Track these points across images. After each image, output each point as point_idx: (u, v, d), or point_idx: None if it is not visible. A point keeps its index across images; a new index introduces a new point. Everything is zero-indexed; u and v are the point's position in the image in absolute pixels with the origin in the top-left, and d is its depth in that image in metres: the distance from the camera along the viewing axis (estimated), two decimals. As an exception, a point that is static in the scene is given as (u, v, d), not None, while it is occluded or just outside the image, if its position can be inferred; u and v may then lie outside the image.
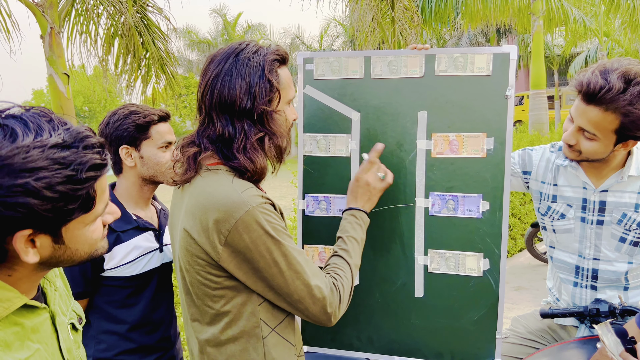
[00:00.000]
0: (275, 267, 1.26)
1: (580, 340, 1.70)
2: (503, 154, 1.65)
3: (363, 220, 1.57)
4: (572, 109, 1.59)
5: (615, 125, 1.50)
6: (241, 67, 1.30)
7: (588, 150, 1.58)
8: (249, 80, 1.29)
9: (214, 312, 1.32)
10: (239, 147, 1.30)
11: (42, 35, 4.54)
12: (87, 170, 0.82)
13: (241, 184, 1.29)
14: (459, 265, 1.71)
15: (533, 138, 9.06)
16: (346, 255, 1.47)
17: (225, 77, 1.30)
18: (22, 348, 0.84)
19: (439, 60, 1.68)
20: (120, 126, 1.71)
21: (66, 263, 0.91)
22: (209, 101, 1.32)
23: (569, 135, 1.61)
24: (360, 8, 7.55)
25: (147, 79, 5.50)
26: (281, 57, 1.37)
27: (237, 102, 1.29)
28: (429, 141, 1.70)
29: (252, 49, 1.34)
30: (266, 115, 1.32)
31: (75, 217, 0.85)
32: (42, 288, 0.99)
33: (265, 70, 1.31)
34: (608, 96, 1.46)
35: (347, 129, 1.76)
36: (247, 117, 1.30)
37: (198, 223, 1.27)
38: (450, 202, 1.69)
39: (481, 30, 20.91)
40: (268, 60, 1.32)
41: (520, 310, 4.35)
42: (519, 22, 12.50)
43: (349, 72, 1.75)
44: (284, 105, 1.38)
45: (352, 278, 1.44)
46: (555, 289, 1.91)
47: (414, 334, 1.75)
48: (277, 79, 1.34)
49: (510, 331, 1.95)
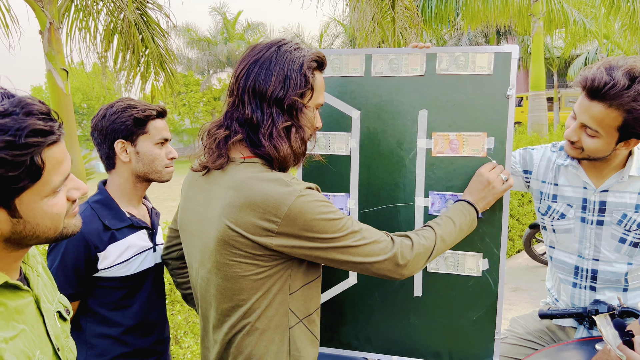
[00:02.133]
0: (335, 243, 1.29)
1: (579, 342, 1.70)
2: (503, 153, 1.64)
3: (470, 214, 1.56)
4: (576, 105, 1.59)
5: (618, 122, 1.50)
6: (281, 57, 1.33)
7: (590, 147, 1.58)
8: (286, 71, 1.32)
9: (248, 306, 1.33)
10: (265, 133, 1.31)
11: (41, 30, 4.51)
12: (27, 136, 0.81)
13: (282, 175, 1.32)
14: (458, 265, 1.70)
15: (532, 139, 9.06)
16: (436, 226, 1.49)
17: (265, 64, 1.33)
18: (7, 327, 0.84)
19: (440, 59, 1.67)
20: (118, 119, 1.67)
21: (32, 239, 0.90)
22: (243, 84, 1.33)
23: (571, 132, 1.60)
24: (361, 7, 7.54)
25: (146, 76, 5.48)
26: (320, 61, 1.40)
27: (270, 89, 1.31)
28: (429, 140, 1.69)
29: (295, 46, 1.38)
30: (296, 107, 1.34)
31: (25, 188, 0.83)
32: (25, 274, 0.99)
33: (304, 66, 1.34)
34: (612, 92, 1.46)
35: (348, 127, 1.75)
36: (277, 105, 1.32)
37: (246, 216, 1.27)
38: (450, 202, 1.69)
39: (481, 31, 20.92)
40: (308, 59, 1.35)
41: (518, 312, 4.35)
42: (519, 23, 12.49)
43: (350, 70, 1.74)
44: (313, 105, 1.41)
45: (435, 246, 1.45)
46: (554, 290, 1.90)
47: (412, 333, 1.75)
48: (313, 78, 1.37)
49: (508, 332, 1.95)
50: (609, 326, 1.44)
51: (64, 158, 0.90)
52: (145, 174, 1.72)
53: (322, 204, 1.29)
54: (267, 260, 1.30)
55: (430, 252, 1.43)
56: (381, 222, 1.74)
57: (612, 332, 1.41)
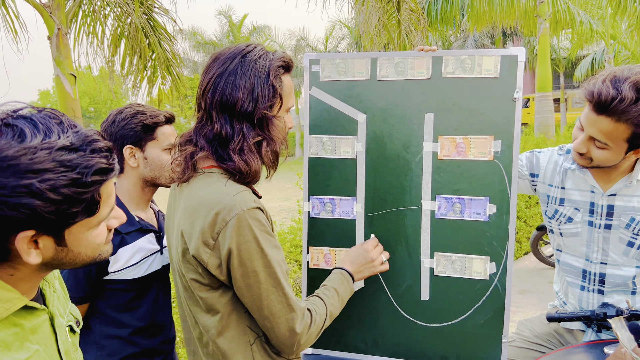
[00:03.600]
0: (254, 277, 1.25)
1: (587, 345, 1.69)
2: (510, 156, 1.64)
3: (349, 285, 1.57)
4: (582, 117, 1.57)
5: (627, 134, 1.49)
6: (246, 69, 1.30)
7: (599, 158, 1.57)
8: (253, 83, 1.29)
9: (207, 323, 1.33)
10: (235, 148, 1.29)
11: (50, 36, 4.55)
12: (93, 174, 0.82)
13: (234, 187, 1.28)
14: (465, 268, 1.70)
15: (539, 141, 9.03)
16: (326, 299, 1.46)
17: (230, 77, 1.29)
18: (22, 349, 0.84)
19: (446, 62, 1.67)
20: (127, 125, 1.69)
21: (68, 265, 0.91)
22: (210, 99, 1.31)
23: (580, 144, 1.59)
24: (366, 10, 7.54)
25: (153, 80, 5.51)
26: (286, 65, 1.37)
27: (238, 104, 1.28)
28: (436, 143, 1.69)
29: (259, 53, 1.33)
30: (266, 120, 1.32)
31: (79, 221, 0.84)
32: (41, 289, 0.99)
33: (271, 75, 1.31)
34: (620, 107, 1.44)
35: (353, 130, 1.76)
36: (246, 120, 1.30)
37: (190, 225, 1.27)
38: (457, 205, 1.68)
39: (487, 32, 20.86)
40: (274, 66, 1.32)
41: (525, 314, 4.33)
42: (525, 24, 12.47)
43: (356, 74, 1.74)
44: (283, 113, 1.39)
45: (325, 320, 1.41)
46: (562, 293, 1.90)
47: (419, 337, 1.74)
48: (281, 86, 1.34)
49: (516, 335, 1.94)
50: (624, 329, 1.44)
51: (113, 191, 0.92)
52: (153, 179, 1.74)
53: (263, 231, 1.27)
54: (210, 276, 1.29)
55: (319, 329, 1.39)
56: (388, 225, 1.74)
57: (628, 335, 1.41)
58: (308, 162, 1.81)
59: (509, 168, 1.64)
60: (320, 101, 1.78)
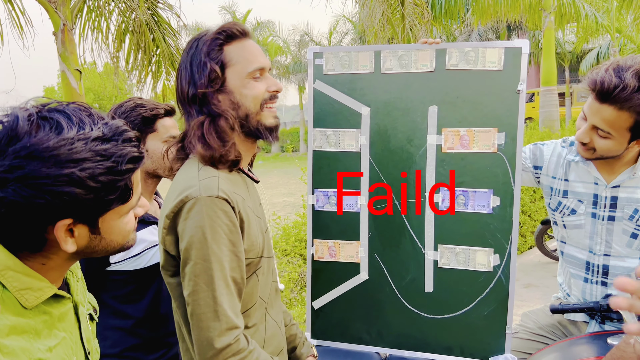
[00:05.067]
0: (190, 266, 1.18)
1: (590, 336, 1.69)
2: (514, 149, 1.64)
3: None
4: (585, 107, 1.58)
5: (629, 123, 1.49)
6: (187, 58, 1.31)
7: (602, 148, 1.57)
8: (190, 69, 1.29)
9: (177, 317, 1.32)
10: (193, 134, 1.28)
11: (55, 32, 4.57)
12: (127, 163, 0.86)
13: (206, 172, 1.25)
14: (469, 260, 1.71)
15: (543, 135, 8.99)
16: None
17: (180, 69, 1.32)
18: (50, 336, 0.87)
19: (449, 54, 1.68)
20: (127, 118, 1.70)
21: (100, 253, 0.94)
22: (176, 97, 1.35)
23: (583, 134, 1.60)
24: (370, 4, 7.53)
25: (157, 75, 5.52)
26: (226, 34, 1.30)
27: (185, 92, 1.30)
28: (440, 136, 1.70)
29: (200, 36, 1.32)
30: (208, 98, 1.28)
31: (113, 208, 0.88)
32: (66, 279, 1.02)
33: (203, 52, 1.28)
34: (623, 95, 1.44)
35: (357, 123, 1.76)
36: (194, 104, 1.30)
37: (164, 208, 1.26)
38: (461, 197, 1.69)
39: (491, 26, 20.76)
40: (207, 42, 1.29)
41: (530, 308, 4.33)
42: (529, 18, 12.38)
43: (359, 67, 1.75)
44: (240, 81, 1.30)
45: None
46: (565, 284, 1.90)
47: (423, 328, 1.76)
48: (219, 58, 1.28)
49: (520, 326, 1.95)
50: (634, 319, 1.43)
51: (139, 179, 0.96)
52: (155, 170, 1.75)
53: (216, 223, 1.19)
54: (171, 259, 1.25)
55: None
56: (392, 218, 1.75)
57: None
58: (312, 155, 1.82)
59: (513, 160, 1.64)
60: (324, 94, 1.79)
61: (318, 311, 1.84)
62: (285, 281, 4.13)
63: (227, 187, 1.23)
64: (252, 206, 1.35)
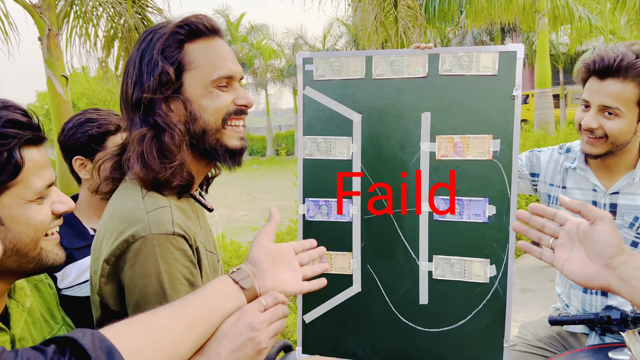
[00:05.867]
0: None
1: (591, 349, 1.64)
2: (510, 156, 1.59)
3: None
4: (585, 94, 1.56)
5: (636, 95, 1.48)
6: (137, 53, 1.08)
7: (613, 130, 1.53)
8: (139, 66, 1.06)
9: None
10: (132, 150, 1.05)
11: (40, 37, 4.50)
12: (4, 127, 0.78)
13: (154, 201, 1.02)
14: (465, 271, 1.65)
15: (539, 137, 8.98)
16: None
17: (126, 70, 1.11)
18: None
19: (442, 59, 1.62)
20: (73, 136, 1.54)
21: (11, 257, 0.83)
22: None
23: (590, 119, 1.56)
24: (363, 7, 7.49)
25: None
26: (189, 29, 1.07)
27: (129, 95, 1.07)
28: (433, 143, 1.65)
29: (156, 29, 1.10)
30: (154, 106, 1.05)
31: (3, 185, 0.79)
32: (8, 308, 0.91)
33: (156, 49, 1.05)
34: (623, 64, 1.46)
35: (349, 131, 1.71)
36: (137, 111, 1.06)
37: (99, 239, 1.04)
38: (456, 206, 1.64)
39: (485, 29, 20.80)
40: (164, 36, 1.06)
41: (527, 313, 4.29)
42: (523, 20, 12.40)
43: (350, 73, 1.70)
44: (201, 89, 1.08)
45: None
46: (564, 295, 1.85)
47: (418, 342, 1.70)
48: (176, 57, 1.05)
49: (518, 338, 1.89)
50: (638, 343, 1.38)
51: (46, 163, 0.86)
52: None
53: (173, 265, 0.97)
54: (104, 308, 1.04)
55: None
56: (385, 228, 1.70)
57: None
58: (302, 163, 1.76)
59: (509, 168, 1.59)
60: (315, 101, 1.73)
61: (309, 325, 1.78)
62: (279, 289, 4.06)
63: (181, 219, 1.02)
64: (204, 240, 1.15)
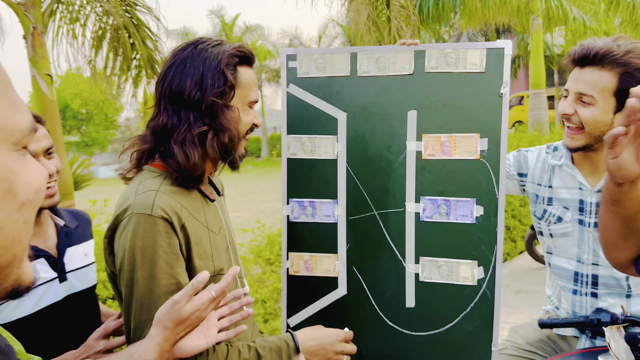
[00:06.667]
0: (123, 289, 1.16)
1: (581, 352, 1.61)
2: (498, 155, 1.55)
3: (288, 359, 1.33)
4: (568, 83, 1.56)
5: (613, 84, 1.47)
6: (197, 57, 1.24)
7: (588, 119, 1.51)
8: (202, 71, 1.22)
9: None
10: (178, 139, 1.21)
11: (25, 35, 4.41)
12: None
13: (147, 185, 1.20)
14: (452, 273, 1.61)
15: (533, 138, 8.96)
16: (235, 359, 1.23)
17: (179, 67, 1.24)
18: None
19: (429, 56, 1.58)
20: None
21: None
22: (160, 89, 1.26)
23: (566, 105, 1.56)
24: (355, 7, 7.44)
25: (137, 81, 5.38)
26: (243, 55, 1.30)
27: (186, 92, 1.21)
28: (420, 142, 1.61)
29: (214, 43, 1.28)
30: (216, 109, 1.23)
31: None
32: None
33: (222, 63, 1.24)
34: (602, 52, 1.46)
35: (333, 129, 1.67)
36: (194, 109, 1.22)
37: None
38: (442, 207, 1.60)
39: (480, 29, 20.81)
40: (227, 54, 1.25)
41: (520, 315, 4.25)
42: (517, 21, 12.38)
43: (335, 70, 1.66)
44: (240, 105, 1.30)
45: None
46: (554, 297, 1.81)
47: (405, 346, 1.66)
48: (234, 75, 1.26)
49: (507, 342, 1.85)
50: (621, 340, 1.34)
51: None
52: None
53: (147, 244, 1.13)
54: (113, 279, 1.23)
55: None
56: (370, 229, 1.65)
57: (624, 347, 1.31)
58: (286, 163, 1.72)
59: (497, 167, 1.55)
60: (298, 99, 1.69)
61: (294, 328, 1.74)
62: (269, 292, 4.01)
63: (166, 202, 1.17)
64: (205, 221, 1.29)
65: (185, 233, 1.19)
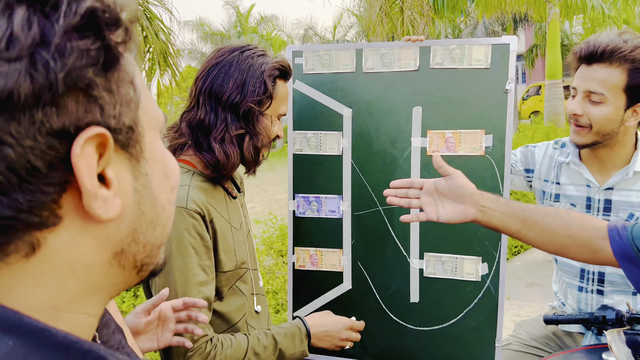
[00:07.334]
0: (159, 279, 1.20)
1: (585, 350, 1.60)
2: (502, 151, 1.55)
3: (301, 343, 1.40)
4: (575, 81, 1.53)
5: (622, 80, 1.44)
6: (242, 62, 1.30)
7: (598, 118, 1.48)
8: (245, 76, 1.28)
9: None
10: (217, 137, 1.27)
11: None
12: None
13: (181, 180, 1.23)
14: (456, 269, 1.62)
15: (548, 130, 8.86)
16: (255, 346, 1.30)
17: (224, 67, 1.29)
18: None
19: (434, 52, 1.58)
20: None
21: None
22: (201, 86, 1.30)
23: (575, 104, 1.53)
24: (369, -2, 7.39)
25: (151, 74, 5.42)
26: (283, 70, 1.36)
27: (227, 94, 1.27)
28: (424, 138, 1.61)
29: (259, 52, 1.34)
30: (252, 114, 1.30)
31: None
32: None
33: (265, 73, 1.30)
34: (609, 48, 1.44)
35: (339, 126, 1.68)
36: (232, 111, 1.28)
37: None
38: (447, 203, 1.60)
39: (497, 19, 20.51)
40: (270, 66, 1.32)
41: (532, 308, 4.24)
42: (535, 10, 12.18)
43: (340, 66, 1.66)
44: (272, 116, 1.37)
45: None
46: (560, 293, 1.81)
47: (409, 341, 1.67)
48: (274, 86, 1.33)
49: (512, 337, 1.86)
50: (622, 343, 1.33)
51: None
52: None
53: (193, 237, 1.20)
54: None
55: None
56: (375, 225, 1.67)
57: (625, 350, 1.30)
58: (292, 159, 1.73)
59: (501, 164, 1.55)
60: (304, 95, 1.70)
61: (300, 322, 1.76)
62: (281, 283, 4.05)
63: (198, 197, 1.24)
64: (228, 217, 1.36)
65: (213, 228, 1.27)
